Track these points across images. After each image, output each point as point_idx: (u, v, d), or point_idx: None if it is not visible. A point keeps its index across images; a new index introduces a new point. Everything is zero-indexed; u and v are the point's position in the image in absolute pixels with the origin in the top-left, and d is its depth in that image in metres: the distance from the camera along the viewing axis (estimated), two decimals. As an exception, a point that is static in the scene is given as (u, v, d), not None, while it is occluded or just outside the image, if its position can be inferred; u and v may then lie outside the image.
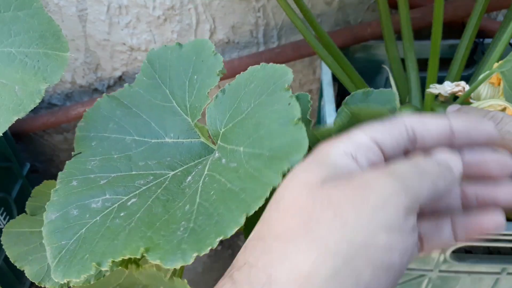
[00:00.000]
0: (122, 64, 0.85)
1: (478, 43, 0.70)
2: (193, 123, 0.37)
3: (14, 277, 0.83)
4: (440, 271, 0.55)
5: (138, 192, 0.33)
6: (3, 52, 0.37)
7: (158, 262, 0.27)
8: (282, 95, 0.29)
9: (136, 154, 0.36)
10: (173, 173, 0.34)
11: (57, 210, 0.34)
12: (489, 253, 0.59)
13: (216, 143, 0.34)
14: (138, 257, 0.28)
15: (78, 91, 0.90)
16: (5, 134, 0.83)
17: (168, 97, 0.38)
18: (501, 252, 0.59)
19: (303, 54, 0.75)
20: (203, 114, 0.37)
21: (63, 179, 0.36)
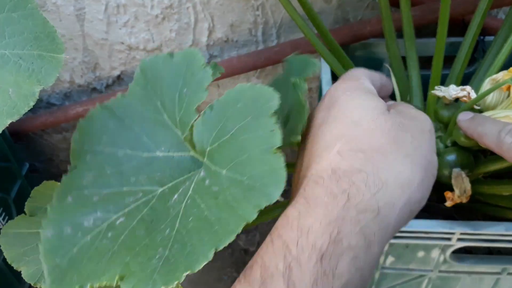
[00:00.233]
0: (121, 63, 0.85)
1: (479, 41, 0.70)
2: (183, 137, 0.37)
3: (14, 277, 0.83)
4: (440, 271, 0.55)
5: (127, 210, 0.33)
6: (-3, 54, 0.37)
7: None
8: (267, 122, 0.30)
9: (127, 169, 0.36)
10: (161, 189, 0.34)
11: (52, 227, 0.33)
12: (489, 253, 0.59)
13: (203, 159, 0.34)
14: (113, 285, 0.29)
15: (76, 91, 0.90)
16: (3, 134, 0.83)
17: (159, 109, 0.38)
18: (501, 252, 0.58)
19: (303, 52, 0.75)
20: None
21: (59, 195, 0.36)
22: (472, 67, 0.71)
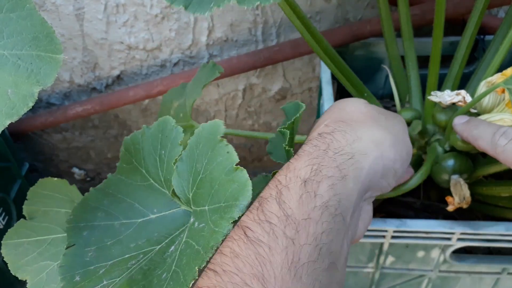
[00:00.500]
0: (120, 63, 0.85)
1: (479, 40, 0.69)
2: (170, 194, 0.40)
3: (14, 277, 0.83)
4: (440, 271, 0.55)
5: (129, 271, 0.36)
6: (-4, 54, 0.37)
7: None
8: (220, 147, 0.34)
9: (126, 237, 0.40)
10: (159, 246, 0.38)
11: None
12: (489, 253, 0.59)
13: (190, 206, 0.37)
14: None
15: (76, 90, 0.90)
16: (3, 134, 0.83)
17: (145, 176, 0.42)
18: (501, 252, 0.58)
19: (302, 52, 0.75)
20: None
21: (66, 275, 0.38)
22: (472, 66, 0.71)
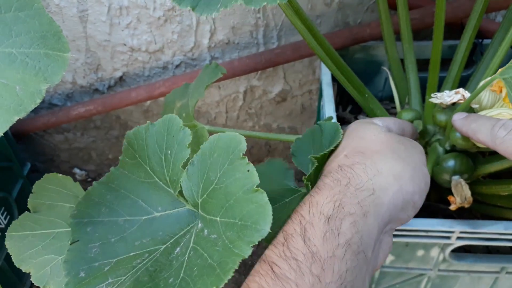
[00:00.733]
0: (123, 64, 0.85)
1: (477, 44, 0.70)
2: (176, 194, 0.40)
3: (15, 277, 0.83)
4: (439, 270, 0.55)
5: (134, 270, 0.37)
6: (4, 52, 0.38)
7: None
8: (241, 164, 0.34)
9: (130, 234, 0.40)
10: (164, 246, 0.38)
11: None
12: (488, 252, 0.59)
13: (197, 210, 0.37)
14: None
15: (78, 91, 0.91)
16: (5, 134, 0.83)
17: (149, 174, 0.42)
18: (500, 251, 0.59)
19: (303, 55, 0.76)
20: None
21: (70, 271, 0.38)
22: (470, 70, 0.72)
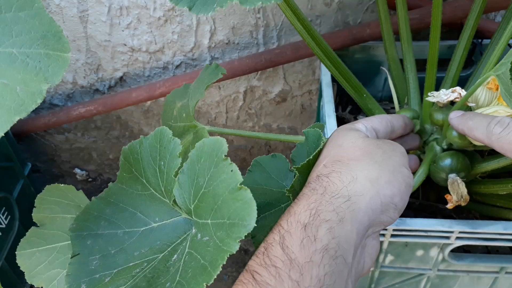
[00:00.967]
0: (123, 64, 0.86)
1: (477, 44, 0.71)
2: (171, 203, 0.41)
3: (15, 276, 0.83)
4: (438, 270, 0.55)
5: (133, 279, 0.38)
6: (5, 52, 0.38)
7: None
8: (224, 165, 0.36)
9: (130, 245, 0.41)
10: (162, 255, 0.39)
11: None
12: (487, 252, 0.59)
13: (191, 217, 0.38)
14: None
15: (79, 92, 0.91)
16: (6, 134, 0.83)
17: (146, 186, 0.43)
18: (499, 251, 0.59)
19: (303, 55, 0.76)
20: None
21: (72, 284, 0.39)
22: (470, 70, 0.72)
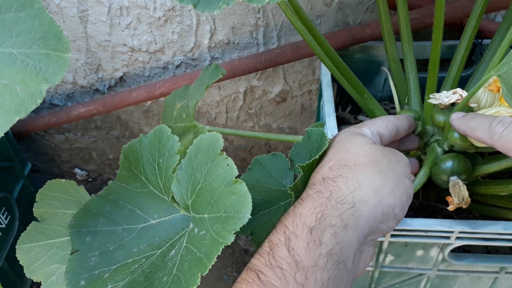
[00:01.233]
0: (123, 64, 0.86)
1: (477, 44, 0.71)
2: (169, 200, 0.42)
3: (16, 276, 0.83)
4: (439, 270, 0.55)
5: (132, 274, 0.38)
6: (5, 53, 0.38)
7: None
8: (220, 159, 0.36)
9: (128, 242, 0.42)
10: (160, 251, 0.40)
11: None
12: (487, 252, 0.59)
13: (189, 212, 0.39)
14: None
15: (79, 92, 0.91)
16: (6, 134, 0.83)
17: (145, 183, 0.44)
18: (499, 251, 0.59)
19: (303, 55, 0.76)
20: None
21: (71, 280, 0.39)
22: (470, 70, 0.72)
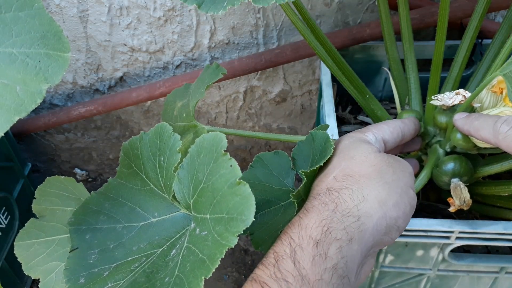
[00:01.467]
0: (123, 64, 0.85)
1: (477, 44, 0.71)
2: (170, 199, 0.41)
3: (16, 276, 0.83)
4: (439, 270, 0.55)
5: (132, 273, 0.38)
6: (5, 52, 0.38)
7: None
8: (224, 160, 0.36)
9: (128, 240, 0.41)
10: (161, 249, 0.39)
11: None
12: (487, 252, 0.59)
13: (190, 212, 0.38)
14: None
15: (79, 92, 0.91)
16: (6, 134, 0.83)
17: (145, 181, 0.43)
18: (499, 251, 0.59)
19: (303, 55, 0.76)
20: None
21: (70, 277, 0.39)
22: (470, 70, 0.72)
